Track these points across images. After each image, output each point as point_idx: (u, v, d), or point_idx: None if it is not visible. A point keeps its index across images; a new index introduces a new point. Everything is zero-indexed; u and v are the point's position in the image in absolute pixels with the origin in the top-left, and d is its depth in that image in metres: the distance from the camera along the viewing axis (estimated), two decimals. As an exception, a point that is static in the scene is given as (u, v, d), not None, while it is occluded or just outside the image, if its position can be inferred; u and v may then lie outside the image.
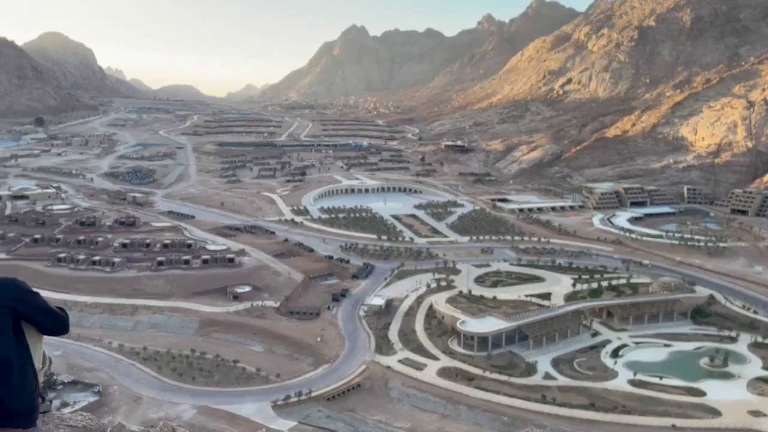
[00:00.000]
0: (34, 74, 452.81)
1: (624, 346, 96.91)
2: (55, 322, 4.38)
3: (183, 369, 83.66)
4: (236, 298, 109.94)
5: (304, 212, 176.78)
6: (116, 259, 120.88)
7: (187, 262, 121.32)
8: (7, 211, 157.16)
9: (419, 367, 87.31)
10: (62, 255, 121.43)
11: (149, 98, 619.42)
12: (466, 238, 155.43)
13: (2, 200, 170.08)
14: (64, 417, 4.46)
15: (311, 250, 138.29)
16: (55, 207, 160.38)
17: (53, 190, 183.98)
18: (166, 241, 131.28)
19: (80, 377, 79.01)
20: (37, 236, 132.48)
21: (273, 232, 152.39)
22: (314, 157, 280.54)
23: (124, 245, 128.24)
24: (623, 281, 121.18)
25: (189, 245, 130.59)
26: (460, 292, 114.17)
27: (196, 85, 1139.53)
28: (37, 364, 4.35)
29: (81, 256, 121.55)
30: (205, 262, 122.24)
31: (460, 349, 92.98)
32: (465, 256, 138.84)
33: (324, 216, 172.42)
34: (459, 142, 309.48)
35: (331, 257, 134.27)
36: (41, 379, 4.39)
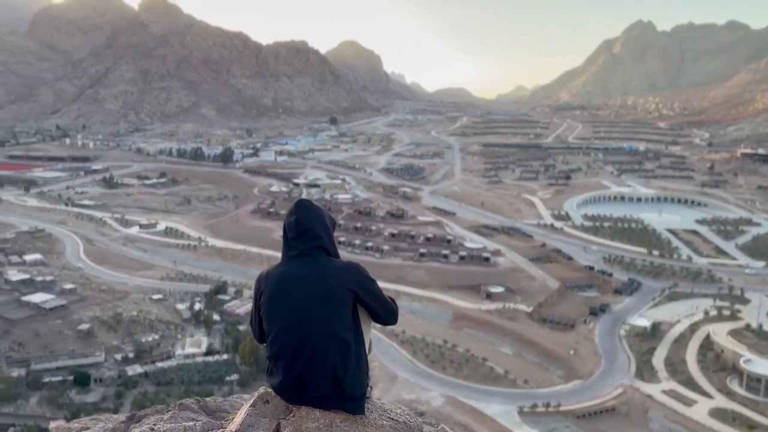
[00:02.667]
0: (332, 79, 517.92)
1: None
2: (387, 312, 4.36)
3: (435, 357, 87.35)
4: (489, 297, 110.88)
5: (565, 217, 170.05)
6: (385, 247, 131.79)
7: (445, 256, 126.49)
8: (303, 197, 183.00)
9: (688, 402, 77.21)
10: (342, 239, 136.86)
11: (425, 100, 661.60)
12: (761, 264, 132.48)
13: (300, 187, 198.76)
14: (385, 408, 4.44)
15: (570, 258, 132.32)
16: (339, 196, 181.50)
17: (339, 181, 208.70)
18: (429, 235, 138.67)
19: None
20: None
21: (530, 236, 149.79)
22: (581, 161, 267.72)
23: (393, 235, 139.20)
24: None
25: (449, 240, 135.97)
26: (748, 325, 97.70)
27: (468, 88, 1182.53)
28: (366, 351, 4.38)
29: (357, 242, 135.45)
30: (462, 258, 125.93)
31: (741, 391, 79.71)
32: (758, 285, 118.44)
33: (587, 223, 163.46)
34: (761, 150, 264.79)
35: (591, 268, 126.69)
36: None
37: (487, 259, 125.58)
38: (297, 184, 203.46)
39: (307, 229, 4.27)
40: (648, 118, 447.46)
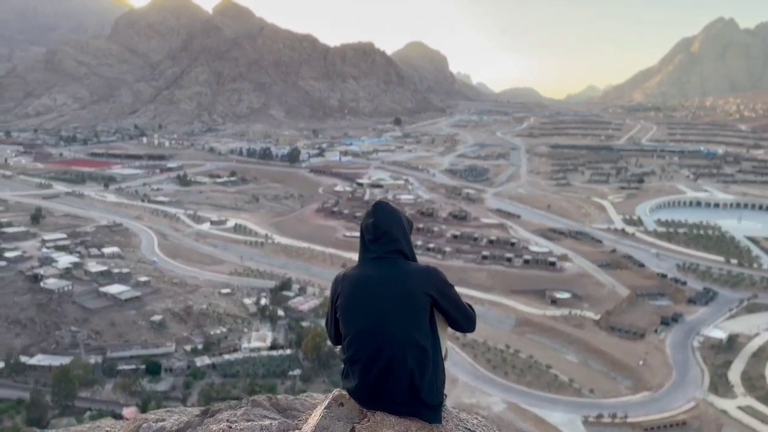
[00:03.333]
0: (397, 80, 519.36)
1: None
2: (465, 319, 4.25)
3: (497, 362, 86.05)
4: (554, 302, 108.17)
5: (637, 222, 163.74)
6: (447, 249, 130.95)
7: (509, 259, 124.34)
8: (366, 197, 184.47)
9: (767, 420, 72.75)
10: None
11: (491, 101, 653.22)
12: None
13: (363, 187, 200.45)
14: (461, 418, 4.36)
15: (641, 265, 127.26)
16: (402, 196, 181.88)
17: (402, 182, 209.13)
18: (492, 238, 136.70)
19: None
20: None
21: (600, 241, 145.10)
22: (655, 164, 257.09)
23: (455, 236, 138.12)
24: None
25: (513, 243, 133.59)
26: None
27: (536, 88, 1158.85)
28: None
29: (418, 242, 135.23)
30: (526, 262, 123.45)
31: (828, 412, 74.28)
32: None
33: (660, 229, 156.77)
34: None
35: (664, 275, 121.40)
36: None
37: (553, 264, 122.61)
38: (360, 184, 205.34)
39: (386, 232, 4.20)
40: (728, 119, 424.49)
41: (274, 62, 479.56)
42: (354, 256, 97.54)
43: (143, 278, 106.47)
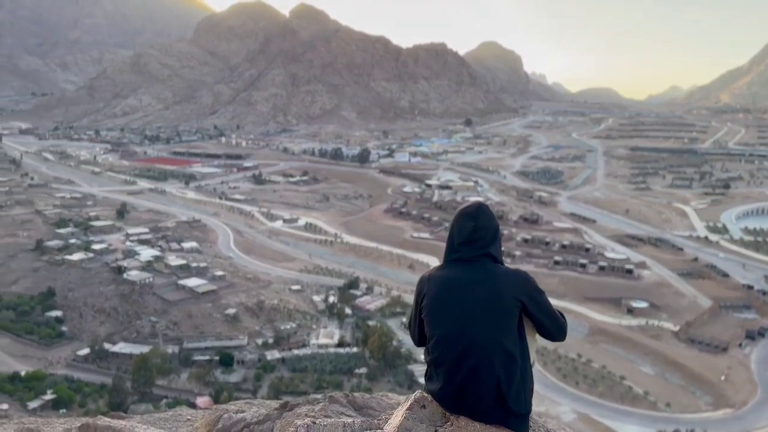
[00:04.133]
0: (469, 80, 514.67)
1: None
2: (556, 326, 4.13)
3: (567, 371, 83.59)
4: (630, 311, 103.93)
5: (722, 230, 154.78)
6: (517, 253, 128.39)
7: (583, 265, 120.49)
8: (434, 198, 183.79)
9: None
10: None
11: (566, 101, 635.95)
12: None
13: (432, 188, 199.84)
14: (549, 428, 4.28)
15: (725, 275, 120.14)
16: (471, 198, 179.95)
17: (472, 183, 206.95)
18: (565, 242, 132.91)
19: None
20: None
21: (681, 248, 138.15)
22: (743, 169, 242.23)
23: (526, 240, 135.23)
24: None
25: (587, 249, 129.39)
26: None
27: (615, 88, 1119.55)
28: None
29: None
30: (601, 268, 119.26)
31: None
32: None
33: (747, 237, 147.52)
34: None
35: (750, 287, 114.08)
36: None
37: (630, 271, 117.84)
38: (429, 185, 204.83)
39: (483, 236, 4.10)
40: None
41: (347, 64, 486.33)
42: (421, 257, 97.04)
43: (219, 272, 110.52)
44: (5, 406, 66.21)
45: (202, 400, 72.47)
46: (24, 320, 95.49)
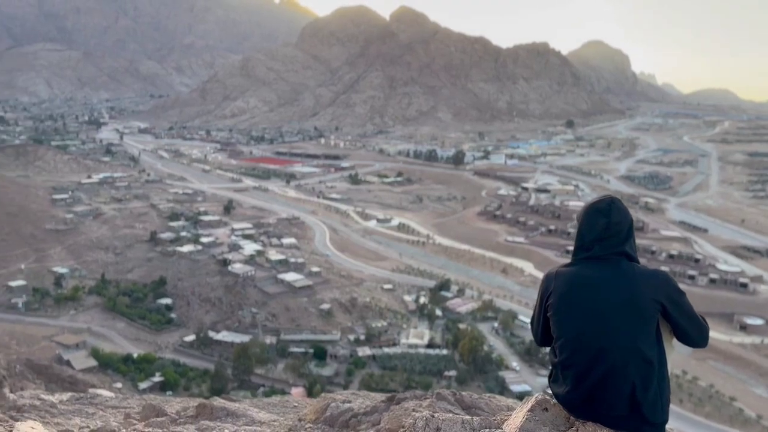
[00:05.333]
0: (572, 80, 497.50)
1: None
2: (698, 331, 3.87)
3: (671, 387, 78.74)
4: (743, 328, 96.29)
5: None
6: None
7: (692, 277, 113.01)
8: (531, 202, 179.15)
9: None
10: (570, 248, 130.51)
11: (678, 103, 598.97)
12: None
13: (529, 192, 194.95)
14: None
15: None
16: (570, 203, 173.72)
17: (571, 187, 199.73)
18: (673, 252, 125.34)
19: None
20: (552, 227, 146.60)
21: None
22: None
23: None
24: None
25: (697, 260, 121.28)
26: None
27: (732, 89, 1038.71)
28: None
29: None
30: (712, 281, 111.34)
31: None
32: None
33: None
34: None
35: None
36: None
37: (744, 285, 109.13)
38: (526, 188, 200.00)
39: (616, 233, 3.88)
40: None
41: (445, 65, 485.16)
42: (515, 262, 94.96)
43: (315, 269, 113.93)
44: (119, 385, 71.80)
45: (296, 391, 75.06)
46: (138, 306, 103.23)
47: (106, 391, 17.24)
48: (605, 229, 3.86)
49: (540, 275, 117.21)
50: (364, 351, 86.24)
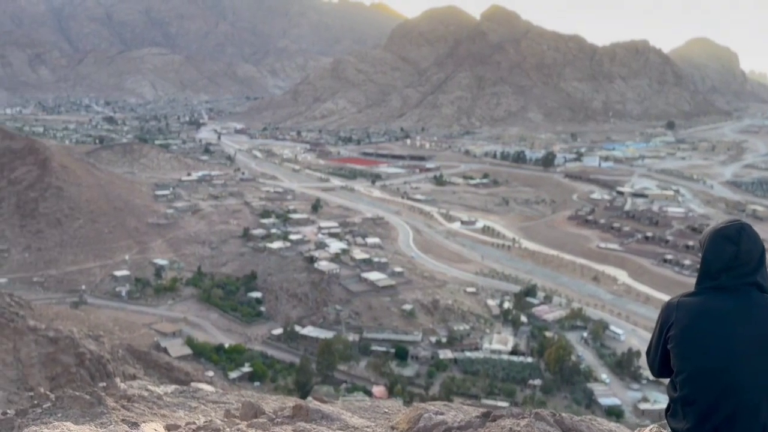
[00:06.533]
0: (674, 79, 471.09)
1: None
2: None
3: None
4: None
5: None
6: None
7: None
8: (627, 207, 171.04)
9: None
10: (669, 257, 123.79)
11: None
12: None
13: (624, 196, 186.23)
14: None
15: None
16: (669, 209, 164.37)
17: (671, 193, 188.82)
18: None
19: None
20: (649, 234, 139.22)
21: None
22: None
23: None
24: None
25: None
26: None
27: None
28: None
29: (686, 262, 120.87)
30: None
31: None
32: None
33: None
34: None
35: None
36: None
37: None
38: (621, 193, 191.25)
39: (747, 261, 3.59)
40: None
41: (536, 64, 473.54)
42: (607, 269, 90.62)
43: (398, 269, 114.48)
44: (210, 374, 75.30)
45: (377, 390, 75.71)
46: (230, 299, 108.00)
47: (206, 385, 18.12)
48: (734, 258, 3.60)
49: (635, 284, 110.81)
50: (445, 354, 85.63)
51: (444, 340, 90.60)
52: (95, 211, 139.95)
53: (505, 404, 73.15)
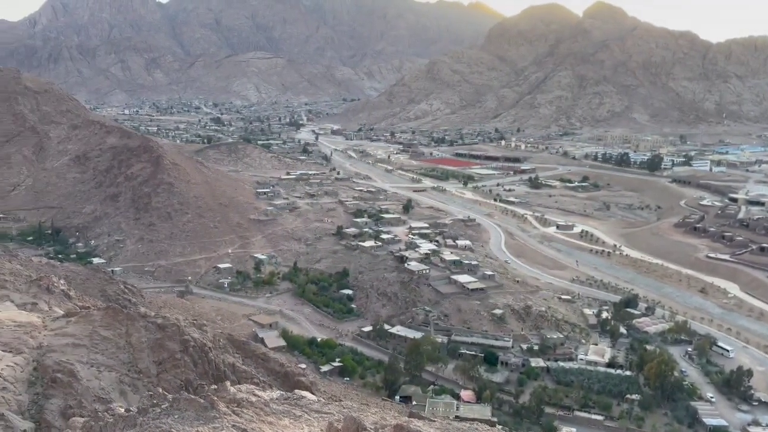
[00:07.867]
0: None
1: None
2: None
3: None
4: None
5: None
6: None
7: None
8: (741, 215, 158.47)
9: None
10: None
11: None
12: None
13: (738, 203, 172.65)
14: None
15: None
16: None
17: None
18: None
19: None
20: (765, 245, 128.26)
21: None
22: None
23: None
24: None
25: None
26: None
27: None
28: None
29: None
30: None
31: None
32: None
33: None
34: None
35: None
36: None
37: None
38: (734, 200, 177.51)
39: None
40: None
41: (643, 63, 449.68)
42: (717, 281, 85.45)
43: (489, 272, 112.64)
44: (303, 366, 77.72)
45: (465, 394, 74.97)
46: (323, 294, 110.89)
47: (308, 393, 18.77)
48: None
49: (748, 298, 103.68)
50: (537, 362, 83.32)
51: (536, 347, 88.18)
52: (202, 206, 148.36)
53: (599, 418, 70.22)
